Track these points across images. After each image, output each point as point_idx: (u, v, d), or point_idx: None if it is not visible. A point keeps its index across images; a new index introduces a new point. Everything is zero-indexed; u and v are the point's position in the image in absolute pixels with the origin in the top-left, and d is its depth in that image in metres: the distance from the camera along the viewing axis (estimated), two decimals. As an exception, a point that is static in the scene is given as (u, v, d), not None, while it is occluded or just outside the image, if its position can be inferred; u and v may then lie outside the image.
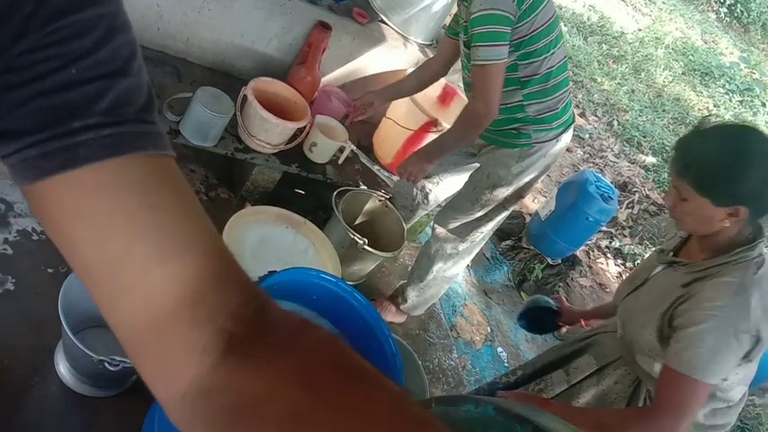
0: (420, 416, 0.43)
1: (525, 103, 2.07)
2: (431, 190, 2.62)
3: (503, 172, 2.20)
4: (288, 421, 0.42)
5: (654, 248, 1.81)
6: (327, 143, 2.57)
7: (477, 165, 2.34)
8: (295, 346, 0.48)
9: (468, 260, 2.55)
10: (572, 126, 2.23)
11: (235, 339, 0.46)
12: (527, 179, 2.23)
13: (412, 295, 2.60)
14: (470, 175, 2.36)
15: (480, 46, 1.84)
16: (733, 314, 1.36)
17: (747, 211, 1.39)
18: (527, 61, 1.99)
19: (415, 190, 2.62)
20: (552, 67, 2.03)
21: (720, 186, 1.40)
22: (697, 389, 1.37)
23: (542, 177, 2.34)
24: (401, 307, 2.65)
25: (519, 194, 2.30)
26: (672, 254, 1.62)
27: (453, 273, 2.56)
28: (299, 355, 0.47)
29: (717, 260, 1.45)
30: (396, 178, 3.04)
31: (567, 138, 2.21)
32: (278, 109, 2.42)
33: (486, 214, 2.32)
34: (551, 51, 2.00)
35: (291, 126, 2.43)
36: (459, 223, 2.37)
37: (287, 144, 2.53)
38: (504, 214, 2.37)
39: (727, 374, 1.40)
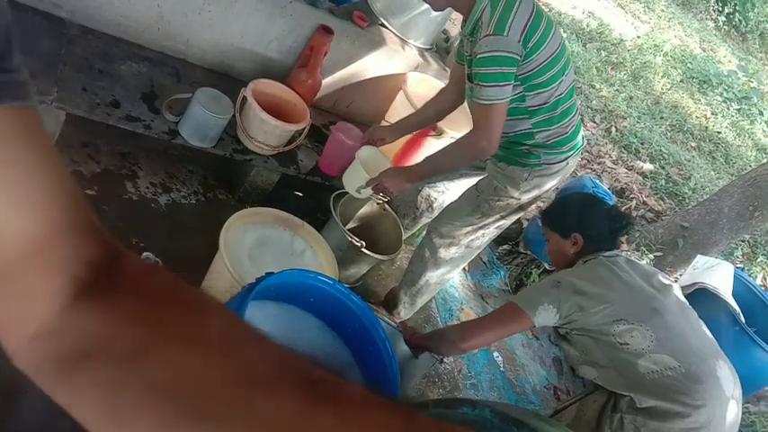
0: (250, 334, 0.44)
1: (534, 130, 2.06)
2: (435, 198, 2.61)
3: (511, 188, 2.18)
4: (128, 355, 0.43)
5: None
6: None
7: (485, 174, 2.31)
8: (143, 289, 0.48)
9: (461, 267, 2.53)
10: (581, 148, 2.22)
11: (85, 286, 0.46)
12: (532, 196, 2.23)
13: (404, 300, 2.58)
14: (477, 182, 2.33)
15: (485, 86, 1.86)
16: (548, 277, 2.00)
17: (581, 237, 1.97)
18: (534, 92, 1.98)
19: (419, 198, 2.61)
20: (561, 94, 2.02)
21: (559, 222, 2.06)
22: (510, 309, 1.86)
23: (544, 196, 2.34)
24: (392, 311, 2.63)
25: (520, 209, 2.29)
26: None
27: (445, 279, 2.54)
28: (145, 297, 0.47)
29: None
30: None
31: (573, 161, 2.20)
32: (277, 111, 2.42)
33: (484, 223, 2.30)
34: (559, 80, 1.99)
35: (290, 128, 2.44)
36: (455, 228, 2.34)
37: (285, 146, 2.53)
38: (503, 224, 2.35)
39: (536, 310, 1.79)
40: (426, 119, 2.45)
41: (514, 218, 2.34)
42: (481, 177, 2.34)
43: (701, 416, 1.64)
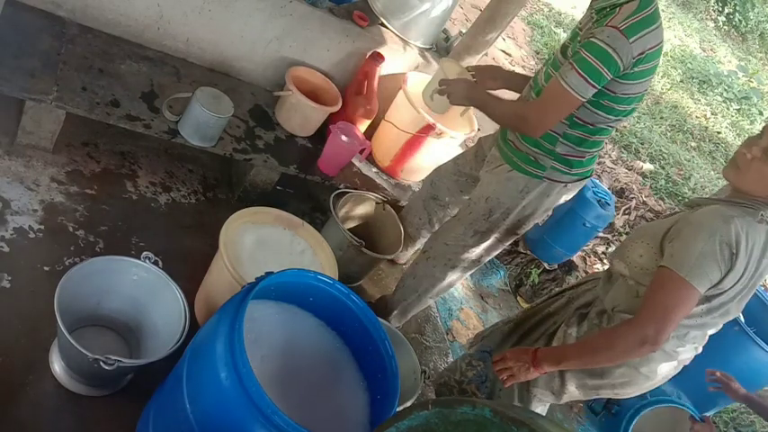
0: None
1: (561, 139, 1.97)
2: (435, 212, 2.59)
3: (503, 199, 2.12)
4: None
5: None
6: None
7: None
8: None
9: (455, 285, 2.48)
10: (587, 180, 2.14)
11: None
12: (524, 214, 2.16)
13: (395, 312, 2.55)
14: (469, 199, 2.27)
15: (576, 70, 1.75)
16: (721, 228, 1.54)
17: None
18: (594, 110, 1.87)
19: (422, 210, 2.61)
20: (610, 127, 1.96)
21: None
22: (681, 289, 1.52)
23: (536, 221, 2.25)
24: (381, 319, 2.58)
25: (512, 230, 2.23)
26: None
27: (437, 294, 2.49)
28: None
29: (732, 198, 1.64)
30: (393, 181, 3.04)
31: (575, 188, 2.14)
32: (313, 95, 2.67)
33: (477, 241, 2.25)
34: (620, 118, 1.92)
35: (326, 110, 2.67)
36: (449, 249, 2.30)
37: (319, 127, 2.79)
38: (495, 246, 2.29)
39: (708, 284, 1.54)
40: (516, 84, 2.29)
41: (507, 242, 2.28)
42: (475, 189, 2.28)
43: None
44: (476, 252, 2.30)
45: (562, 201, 2.17)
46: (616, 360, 1.67)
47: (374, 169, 3.00)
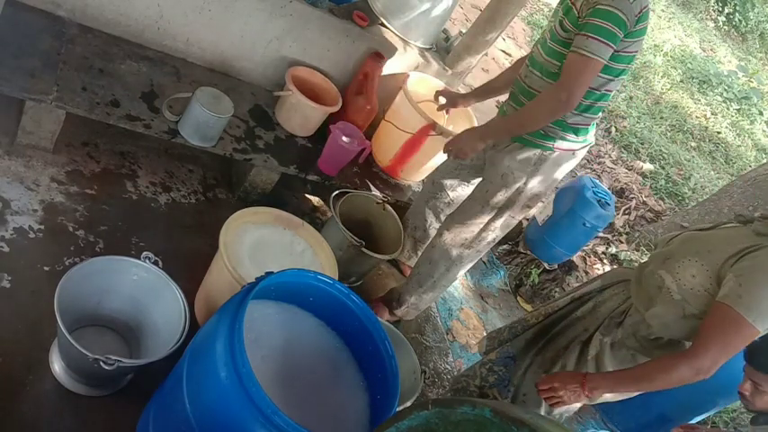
0: None
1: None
2: (442, 210, 2.61)
3: (518, 173, 2.17)
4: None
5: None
6: None
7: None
8: None
9: (468, 267, 2.52)
10: (590, 145, 2.21)
11: None
12: (538, 186, 2.22)
13: (409, 302, 2.57)
14: (482, 180, 2.32)
15: (592, 37, 1.82)
16: None
17: None
18: (599, 73, 1.94)
19: (427, 210, 2.63)
20: (609, 91, 2.03)
21: None
22: (744, 331, 1.49)
23: (549, 192, 2.31)
24: (395, 311, 2.62)
25: (526, 204, 2.27)
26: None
27: (452, 279, 2.54)
28: None
29: None
30: (393, 181, 3.04)
31: (581, 155, 2.20)
32: (312, 95, 2.67)
33: (493, 218, 2.30)
34: (619, 78, 1.99)
35: (326, 110, 2.67)
36: (465, 228, 2.35)
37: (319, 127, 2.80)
38: (510, 223, 2.34)
39: None
40: (495, 88, 2.44)
41: (520, 216, 2.33)
42: (486, 170, 2.31)
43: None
44: (490, 229, 2.34)
45: (570, 165, 2.22)
46: (669, 387, 1.66)
47: (374, 169, 3.00)
